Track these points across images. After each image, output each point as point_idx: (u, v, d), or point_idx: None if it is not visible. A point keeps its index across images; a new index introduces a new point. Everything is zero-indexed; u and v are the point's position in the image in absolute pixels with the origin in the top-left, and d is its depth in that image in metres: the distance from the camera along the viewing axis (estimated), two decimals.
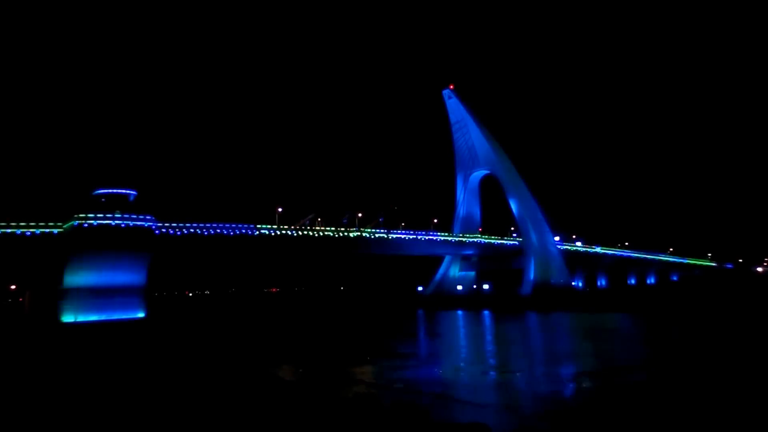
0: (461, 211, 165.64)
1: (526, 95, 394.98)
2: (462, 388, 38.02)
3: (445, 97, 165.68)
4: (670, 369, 41.95)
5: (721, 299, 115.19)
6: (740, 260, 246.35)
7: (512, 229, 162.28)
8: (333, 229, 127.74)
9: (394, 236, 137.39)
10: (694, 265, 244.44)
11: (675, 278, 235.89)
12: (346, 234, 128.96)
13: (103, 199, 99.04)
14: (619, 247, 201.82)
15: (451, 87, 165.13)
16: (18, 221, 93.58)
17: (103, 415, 28.59)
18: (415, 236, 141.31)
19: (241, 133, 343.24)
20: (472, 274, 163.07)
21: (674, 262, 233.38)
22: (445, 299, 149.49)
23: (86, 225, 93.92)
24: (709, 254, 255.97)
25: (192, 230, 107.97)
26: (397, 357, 52.70)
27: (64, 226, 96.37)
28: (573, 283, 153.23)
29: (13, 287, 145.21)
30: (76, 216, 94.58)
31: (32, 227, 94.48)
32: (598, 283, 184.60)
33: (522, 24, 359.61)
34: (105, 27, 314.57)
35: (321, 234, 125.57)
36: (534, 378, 41.50)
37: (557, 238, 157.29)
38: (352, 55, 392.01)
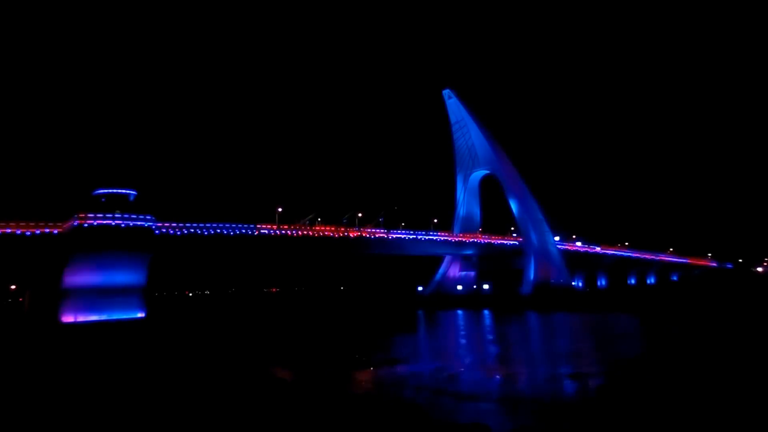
0: (461, 211, 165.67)
1: (526, 96, 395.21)
2: (462, 389, 37.98)
3: (445, 98, 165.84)
4: (669, 369, 41.95)
5: (722, 299, 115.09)
6: (740, 260, 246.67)
7: (512, 229, 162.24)
8: (333, 229, 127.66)
9: (394, 236, 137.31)
10: (694, 265, 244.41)
11: (675, 278, 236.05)
12: (346, 234, 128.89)
13: (103, 199, 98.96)
14: (619, 247, 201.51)
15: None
16: (18, 221, 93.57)
17: (103, 415, 28.58)
18: (415, 236, 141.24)
19: (241, 132, 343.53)
20: (472, 274, 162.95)
21: (674, 262, 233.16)
22: (446, 299, 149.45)
23: (86, 225, 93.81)
24: (709, 254, 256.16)
25: (192, 230, 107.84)
26: (397, 357, 52.63)
27: (64, 227, 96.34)
28: (573, 283, 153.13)
29: (13, 287, 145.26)
30: (76, 216, 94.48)
31: (32, 227, 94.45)
32: (598, 283, 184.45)
33: (522, 24, 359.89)
34: (105, 27, 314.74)
35: (321, 234, 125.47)
36: (534, 378, 41.49)
37: (557, 238, 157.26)
38: (352, 55, 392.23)
